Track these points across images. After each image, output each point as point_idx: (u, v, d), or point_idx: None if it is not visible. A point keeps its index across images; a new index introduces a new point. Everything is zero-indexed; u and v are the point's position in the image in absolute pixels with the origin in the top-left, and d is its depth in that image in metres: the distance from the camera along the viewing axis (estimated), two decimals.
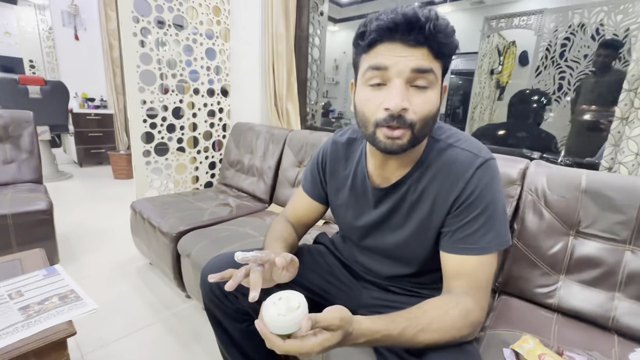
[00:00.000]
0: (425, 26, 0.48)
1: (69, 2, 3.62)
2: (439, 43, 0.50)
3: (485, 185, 0.58)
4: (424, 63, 0.50)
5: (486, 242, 0.57)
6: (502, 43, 2.95)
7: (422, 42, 0.50)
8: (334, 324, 0.45)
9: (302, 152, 1.55)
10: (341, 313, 0.47)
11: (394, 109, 0.51)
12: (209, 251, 1.10)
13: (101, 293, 1.42)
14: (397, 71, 0.51)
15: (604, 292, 0.81)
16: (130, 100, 1.62)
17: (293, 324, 0.45)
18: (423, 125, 0.54)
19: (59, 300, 0.76)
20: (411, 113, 0.52)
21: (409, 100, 0.52)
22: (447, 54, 0.53)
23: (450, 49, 0.52)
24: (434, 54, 0.51)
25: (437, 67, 0.52)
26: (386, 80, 0.52)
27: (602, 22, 1.66)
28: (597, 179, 0.83)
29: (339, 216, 0.78)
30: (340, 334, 0.46)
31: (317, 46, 2.14)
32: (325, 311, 0.47)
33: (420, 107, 0.52)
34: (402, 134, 0.53)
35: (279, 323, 0.45)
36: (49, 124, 3.05)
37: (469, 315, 0.54)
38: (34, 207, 1.41)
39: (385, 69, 0.51)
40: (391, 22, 0.49)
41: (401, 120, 0.52)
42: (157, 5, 1.62)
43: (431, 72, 0.51)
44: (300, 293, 0.50)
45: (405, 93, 0.51)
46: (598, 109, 1.67)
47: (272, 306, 0.48)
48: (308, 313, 0.46)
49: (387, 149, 0.55)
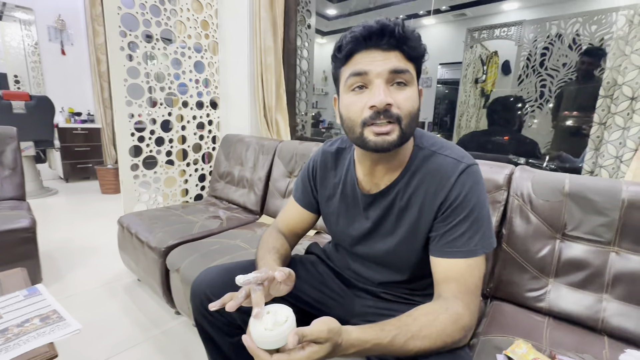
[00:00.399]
0: (395, 30, 0.53)
1: (55, 17, 3.61)
2: (409, 47, 0.55)
3: (469, 189, 0.59)
4: (399, 64, 0.55)
5: (473, 245, 0.58)
6: (485, 53, 3.05)
7: (395, 45, 0.54)
8: (321, 336, 0.45)
9: (292, 163, 1.55)
10: (328, 325, 0.46)
11: (379, 104, 0.54)
12: (198, 265, 1.08)
13: (86, 312, 1.37)
14: (377, 73, 0.55)
15: (592, 294, 0.82)
16: (118, 113, 1.60)
17: (280, 339, 0.44)
18: (409, 121, 0.56)
19: (40, 321, 0.73)
20: (396, 108, 0.55)
21: (392, 97, 0.55)
22: (418, 57, 0.57)
23: (419, 52, 0.57)
24: (407, 57, 0.56)
25: (411, 68, 0.57)
26: (367, 83, 0.56)
27: (578, 32, 1.74)
28: (579, 183, 0.85)
29: (331, 224, 0.78)
30: (328, 346, 0.46)
31: (305, 58, 2.17)
32: (313, 324, 0.46)
33: (403, 102, 0.55)
34: (391, 129, 0.55)
35: (266, 338, 0.45)
36: (33, 139, 2.99)
37: (459, 320, 0.54)
38: (16, 225, 1.37)
39: (366, 73, 0.55)
40: (365, 31, 0.54)
41: (388, 115, 0.55)
42: (144, 20, 1.63)
43: (407, 72, 0.55)
44: (288, 307, 0.49)
45: (387, 91, 0.55)
46: (579, 115, 1.72)
47: (259, 321, 0.47)
48: (296, 326, 0.46)
49: (378, 147, 0.56)
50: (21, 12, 3.45)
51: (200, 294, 0.71)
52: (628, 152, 0.94)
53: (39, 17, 3.52)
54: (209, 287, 0.71)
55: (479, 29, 2.85)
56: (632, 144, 0.93)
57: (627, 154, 0.94)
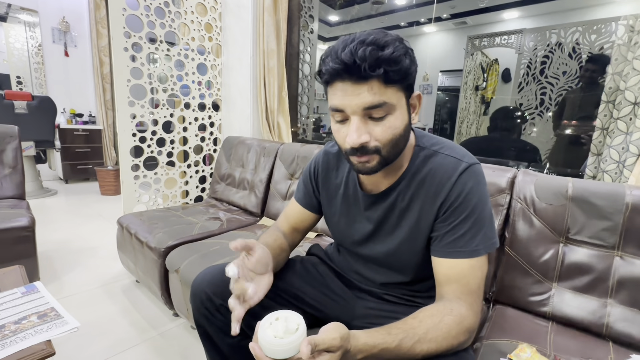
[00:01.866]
0: (361, 67, 0.49)
1: (59, 19, 3.64)
2: (385, 72, 0.50)
3: (471, 189, 0.59)
4: (373, 98, 0.52)
5: (475, 245, 0.58)
6: (485, 61, 3.08)
7: (367, 77, 0.50)
8: (334, 344, 0.44)
9: (293, 165, 1.55)
10: (340, 332, 0.45)
11: (352, 145, 0.54)
12: (198, 265, 1.07)
13: (84, 312, 1.35)
14: (352, 110, 0.54)
15: (596, 298, 0.81)
16: (120, 114, 1.60)
17: (291, 348, 0.43)
18: (391, 147, 0.56)
19: (38, 318, 0.72)
20: (373, 141, 0.55)
21: (369, 132, 0.55)
22: (399, 79, 0.52)
23: (400, 74, 0.52)
24: (385, 82, 0.52)
25: (392, 93, 0.53)
26: (346, 117, 0.55)
27: (578, 41, 1.76)
28: (582, 187, 0.85)
29: (332, 225, 0.78)
30: (339, 354, 0.45)
31: (307, 62, 2.18)
32: (323, 332, 0.45)
33: (382, 134, 0.55)
34: (369, 159, 0.57)
35: (277, 347, 0.43)
36: (34, 140, 2.99)
37: (463, 321, 0.54)
38: (15, 224, 1.36)
39: (342, 110, 0.55)
40: (335, 67, 0.52)
41: (364, 150, 0.55)
42: (149, 22, 1.64)
43: (384, 105, 0.52)
44: (299, 314, 0.48)
45: (364, 127, 0.54)
46: (579, 123, 1.73)
47: (269, 327, 0.45)
48: (306, 335, 0.44)
49: (361, 172, 0.60)
50: (26, 14, 3.48)
51: (201, 294, 0.70)
52: (631, 157, 0.94)
53: (43, 18, 3.55)
54: (210, 286, 0.70)
55: (480, 36, 2.88)
56: (635, 149, 0.94)
57: (630, 159, 0.95)
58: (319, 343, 0.43)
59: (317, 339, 0.43)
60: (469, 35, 2.92)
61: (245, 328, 0.70)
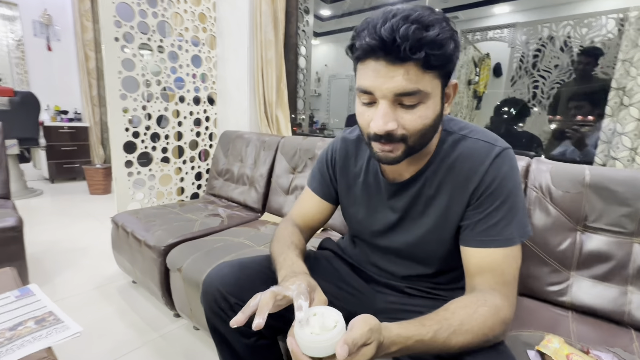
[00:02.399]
0: (401, 47, 0.44)
1: (41, 12, 3.48)
2: (426, 55, 0.45)
3: (505, 174, 0.56)
4: (407, 85, 0.47)
5: (509, 234, 0.55)
6: (478, 55, 3.08)
7: (405, 59, 0.46)
8: (366, 338, 0.41)
9: (295, 158, 1.50)
10: (370, 324, 0.43)
11: (378, 131, 0.51)
12: (203, 263, 1.02)
13: (79, 316, 1.27)
14: (382, 94, 0.49)
15: (616, 286, 0.80)
16: (111, 108, 1.53)
17: (328, 346, 0.40)
18: (418, 137, 0.53)
19: (36, 324, 0.66)
20: (400, 129, 0.51)
21: (397, 119, 0.50)
22: (439, 65, 0.48)
23: (442, 59, 0.47)
24: (423, 67, 0.47)
25: (429, 80, 0.48)
26: (374, 100, 0.51)
27: (569, 34, 1.76)
28: (600, 174, 0.84)
29: (351, 215, 0.74)
30: (374, 345, 0.42)
31: (303, 55, 2.13)
32: (354, 327, 0.42)
33: (411, 123, 0.51)
34: (393, 148, 0.53)
35: (314, 344, 0.41)
36: (17, 137, 2.85)
37: (499, 312, 0.51)
38: (2, 224, 1.28)
39: (371, 93, 0.50)
40: (371, 43, 0.46)
41: (389, 138, 0.51)
42: (140, 10, 1.56)
43: (418, 93, 0.48)
44: (337, 310, 0.45)
45: (392, 114, 0.50)
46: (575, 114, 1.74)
47: (306, 323, 0.43)
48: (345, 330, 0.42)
49: (382, 161, 0.56)
50: (4, 7, 3.31)
51: (214, 292, 0.65)
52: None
53: (23, 11, 3.39)
54: (223, 285, 0.65)
55: (472, 30, 2.88)
56: None
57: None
58: (357, 341, 0.41)
59: (354, 336, 0.41)
60: (461, 29, 2.92)
61: (262, 328, 0.67)
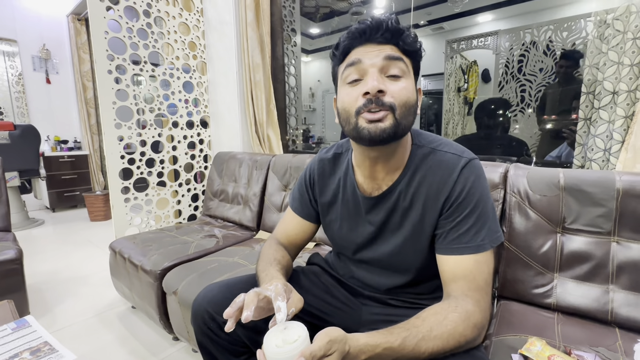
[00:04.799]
0: (388, 23, 0.56)
1: (39, 47, 3.60)
2: (404, 41, 0.57)
3: (472, 183, 0.59)
4: (393, 53, 0.56)
5: (480, 240, 0.58)
6: (465, 63, 3.16)
7: (389, 38, 0.56)
8: (325, 349, 0.43)
9: (286, 176, 1.54)
10: (330, 336, 0.45)
11: (371, 90, 0.54)
12: (197, 285, 1.04)
13: (79, 344, 1.29)
14: (371, 63, 0.56)
15: (599, 285, 0.82)
16: (107, 137, 1.58)
17: (288, 357, 0.43)
18: (404, 111, 0.56)
19: (31, 354, 0.68)
20: (389, 96, 0.55)
21: (385, 86, 0.55)
22: (413, 51, 0.58)
23: (414, 46, 0.58)
24: (402, 50, 0.57)
25: (407, 61, 0.58)
26: (362, 74, 0.57)
27: (551, 39, 1.83)
28: (573, 176, 0.87)
29: (332, 232, 0.77)
30: (336, 356, 0.44)
31: (293, 74, 2.20)
32: (315, 339, 0.45)
33: (397, 92, 0.56)
34: (383, 116, 0.55)
35: (275, 355, 0.45)
36: (18, 169, 2.91)
37: (470, 318, 0.53)
38: (2, 257, 1.30)
39: (360, 62, 0.57)
40: (361, 27, 0.57)
41: (380, 102, 0.55)
42: (132, 43, 1.64)
43: (402, 61, 0.57)
44: (304, 325, 0.48)
45: (381, 80, 0.56)
46: (559, 117, 1.78)
47: (273, 336, 0.47)
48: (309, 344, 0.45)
49: (371, 135, 0.55)
50: (5, 44, 3.44)
51: (202, 313, 0.67)
52: (616, 144, 0.97)
53: (22, 48, 3.51)
54: (211, 305, 0.68)
55: (458, 40, 2.97)
56: (619, 136, 0.96)
57: (615, 146, 0.97)
58: (315, 352, 0.42)
59: (312, 349, 0.43)
60: (447, 40, 3.00)
61: (250, 344, 0.69)
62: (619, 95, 0.96)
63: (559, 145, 1.76)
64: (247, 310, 0.51)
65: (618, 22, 0.96)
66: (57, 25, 3.71)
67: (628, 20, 0.94)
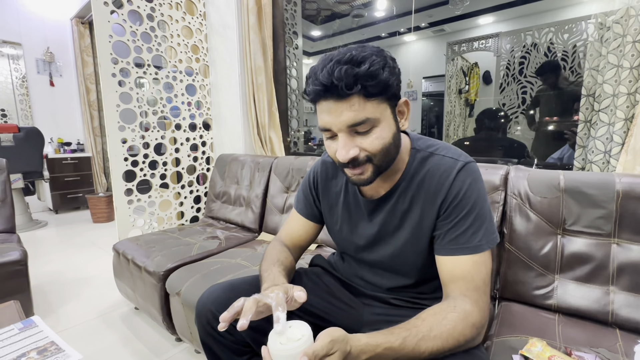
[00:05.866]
0: (338, 86, 0.51)
1: (43, 50, 3.64)
2: (364, 87, 0.52)
3: (469, 185, 0.60)
4: (356, 116, 0.53)
5: (477, 241, 0.59)
6: (466, 65, 3.17)
7: (346, 95, 0.52)
8: (327, 348, 0.44)
9: (289, 178, 1.55)
10: (332, 335, 0.46)
11: (342, 160, 0.57)
12: (200, 286, 1.05)
13: (83, 345, 1.30)
14: (337, 129, 0.56)
15: (599, 287, 0.82)
16: (111, 139, 1.60)
17: (291, 355, 0.44)
18: (383, 155, 0.58)
19: (38, 354, 0.69)
20: (363, 153, 0.57)
21: (357, 145, 0.56)
22: (378, 92, 0.53)
23: (379, 87, 0.53)
24: (365, 97, 0.53)
25: (374, 106, 0.54)
26: (334, 133, 0.57)
27: (552, 40, 1.84)
28: (573, 178, 0.88)
29: (335, 233, 0.78)
30: (338, 355, 0.45)
31: (294, 77, 2.22)
32: (317, 339, 0.46)
33: (370, 145, 0.56)
34: (362, 170, 0.58)
35: (278, 352, 0.45)
36: (22, 171, 2.94)
37: (468, 317, 0.54)
38: (7, 258, 1.32)
39: (329, 129, 0.57)
40: (315, 89, 0.54)
41: (355, 162, 0.57)
42: (136, 47, 1.66)
43: (366, 121, 0.54)
44: (308, 325, 0.49)
45: (351, 142, 0.56)
46: (558, 119, 1.80)
47: (277, 334, 0.48)
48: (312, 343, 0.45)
49: (356, 184, 0.62)
50: (9, 47, 3.47)
51: (206, 313, 0.68)
52: (616, 146, 0.98)
53: (27, 50, 3.55)
54: (215, 305, 0.68)
55: (459, 42, 2.98)
56: (619, 139, 0.97)
57: (615, 148, 0.98)
58: (317, 351, 0.43)
59: (315, 348, 0.43)
60: (448, 42, 3.02)
61: (253, 344, 0.69)
62: (619, 97, 0.96)
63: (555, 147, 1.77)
64: (244, 318, 0.51)
65: (617, 25, 0.97)
66: (61, 28, 3.75)
67: (627, 23, 0.95)
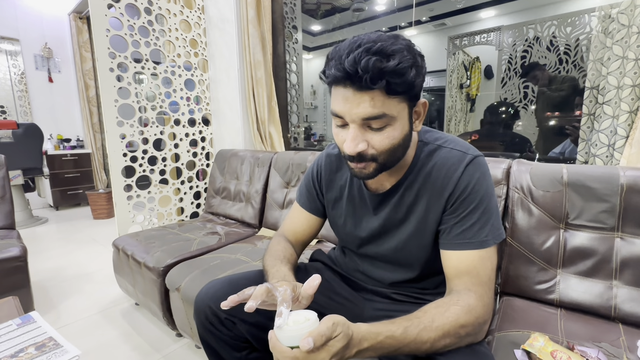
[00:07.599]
0: (363, 78, 0.48)
1: (41, 45, 3.61)
2: (388, 83, 0.49)
3: (477, 180, 0.59)
4: (373, 110, 0.51)
5: (484, 236, 0.58)
6: (467, 59, 3.14)
7: (368, 87, 0.49)
8: (334, 330, 0.44)
9: (288, 173, 1.54)
10: (333, 319, 0.45)
11: (349, 153, 0.55)
12: (200, 282, 1.04)
13: (83, 341, 1.30)
14: (351, 119, 0.53)
15: (602, 281, 0.81)
16: (109, 135, 1.58)
17: (297, 335, 0.44)
18: (388, 155, 0.56)
19: (36, 350, 0.69)
20: (370, 149, 0.55)
21: (367, 140, 0.55)
22: (402, 91, 0.51)
23: (404, 86, 0.50)
24: (387, 93, 0.50)
25: (394, 104, 0.52)
26: (346, 122, 0.55)
27: (555, 34, 1.81)
28: (577, 172, 0.86)
29: (338, 226, 0.77)
30: (342, 337, 0.44)
31: (294, 72, 2.20)
32: (321, 323, 0.45)
33: (379, 143, 0.55)
34: (365, 166, 0.57)
35: (286, 332, 0.46)
36: (21, 168, 2.93)
37: (471, 311, 0.53)
38: (6, 254, 1.31)
39: (342, 117, 0.54)
40: (337, 75, 0.51)
41: (361, 157, 0.56)
42: (133, 41, 1.64)
43: (383, 117, 0.52)
44: (314, 312, 0.49)
45: (361, 136, 0.54)
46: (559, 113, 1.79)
47: (278, 328, 0.47)
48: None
49: (358, 177, 0.61)
50: (7, 42, 3.45)
51: (205, 308, 0.68)
52: (620, 139, 0.96)
53: (25, 46, 3.52)
54: (213, 301, 0.68)
55: (460, 36, 2.95)
56: (623, 132, 0.96)
57: (619, 141, 0.96)
58: (323, 332, 0.43)
59: (320, 329, 0.43)
60: (449, 36, 2.99)
61: (251, 339, 0.69)
62: (624, 90, 0.95)
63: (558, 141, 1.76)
64: (253, 300, 0.50)
65: (623, 16, 0.95)
66: (59, 23, 3.71)
67: (633, 13, 0.93)
